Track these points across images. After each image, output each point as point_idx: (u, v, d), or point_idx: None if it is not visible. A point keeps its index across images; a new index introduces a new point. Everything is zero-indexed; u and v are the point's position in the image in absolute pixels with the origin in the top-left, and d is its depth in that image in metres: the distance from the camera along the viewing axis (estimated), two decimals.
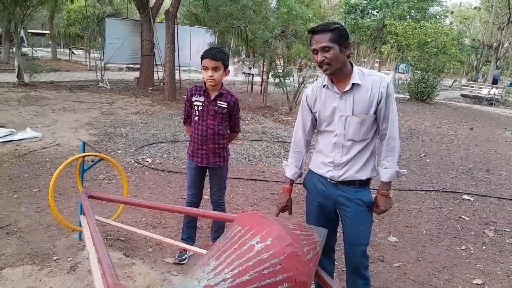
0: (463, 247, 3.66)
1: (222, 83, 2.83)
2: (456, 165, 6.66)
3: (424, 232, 3.95)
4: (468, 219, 4.36)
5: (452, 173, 6.18)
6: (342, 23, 2.16)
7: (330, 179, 2.14)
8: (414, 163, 6.62)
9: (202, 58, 2.69)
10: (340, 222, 2.26)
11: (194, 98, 2.83)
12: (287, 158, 2.40)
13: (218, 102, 2.80)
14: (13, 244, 3.11)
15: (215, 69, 2.67)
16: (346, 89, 2.02)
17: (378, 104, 2.01)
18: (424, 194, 5.10)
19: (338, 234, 2.44)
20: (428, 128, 10.28)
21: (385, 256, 3.37)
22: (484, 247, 3.70)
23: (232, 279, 1.20)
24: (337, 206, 2.18)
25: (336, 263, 2.50)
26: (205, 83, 2.79)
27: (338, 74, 2.03)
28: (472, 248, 3.67)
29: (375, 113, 2.04)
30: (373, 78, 2.02)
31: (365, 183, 2.16)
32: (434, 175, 5.98)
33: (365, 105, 2.01)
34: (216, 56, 2.66)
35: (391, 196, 2.13)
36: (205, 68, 2.69)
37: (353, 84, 2.01)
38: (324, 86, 2.12)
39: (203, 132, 2.83)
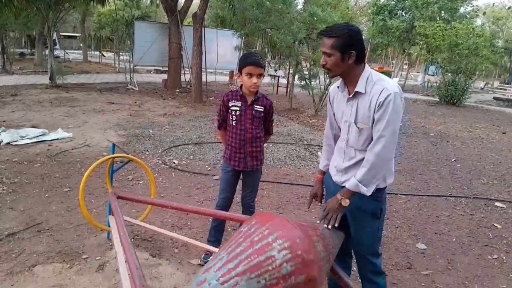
0: (495, 256, 3.54)
1: None
2: (488, 171, 6.46)
3: (454, 239, 3.84)
4: (500, 227, 4.22)
5: (484, 179, 5.99)
6: (353, 25, 2.05)
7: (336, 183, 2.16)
8: (444, 168, 6.46)
9: (246, 64, 2.72)
10: None
11: (231, 103, 2.87)
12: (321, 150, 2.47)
13: (255, 106, 2.85)
14: (44, 242, 3.20)
15: (259, 75, 2.74)
16: (350, 95, 2.00)
17: (374, 114, 1.91)
18: (454, 200, 4.96)
19: None
20: (459, 132, 10.01)
21: (413, 264, 3.30)
22: None
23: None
24: (345, 211, 2.15)
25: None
26: (241, 87, 2.85)
27: (346, 79, 2.01)
28: (504, 257, 3.54)
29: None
30: (376, 88, 1.91)
31: None
32: (465, 180, 5.81)
33: (365, 114, 1.94)
34: (261, 63, 2.74)
35: (343, 204, 1.95)
36: (249, 75, 2.72)
37: (356, 92, 1.96)
38: (338, 87, 2.11)
39: (241, 136, 2.87)
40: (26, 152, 5.59)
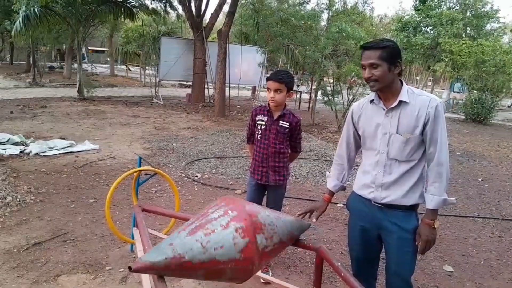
0: None
1: (285, 104, 2.95)
2: None
3: (482, 262, 3.71)
4: None
5: None
6: (394, 40, 2.23)
7: (374, 202, 2.06)
8: (471, 187, 6.29)
9: (267, 80, 2.85)
10: (383, 247, 2.16)
11: (258, 118, 2.96)
12: (330, 170, 2.42)
13: (281, 122, 2.90)
14: (69, 252, 3.26)
15: (277, 91, 2.79)
16: (393, 105, 1.98)
17: (424, 125, 1.92)
18: (482, 221, 4.82)
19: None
20: (485, 151, 9.76)
21: (440, 287, 3.20)
22: None
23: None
24: (381, 231, 2.09)
25: None
26: (269, 103, 2.90)
27: (386, 91, 2.00)
28: None
29: (421, 134, 1.95)
30: (422, 98, 1.94)
31: (412, 208, 2.03)
32: (493, 201, 5.64)
33: (411, 124, 1.94)
34: (280, 79, 2.79)
35: (436, 226, 1.96)
36: (269, 89, 2.82)
37: (400, 102, 1.96)
38: (371, 101, 2.10)
39: (264, 150, 2.92)
40: (54, 163, 5.73)
